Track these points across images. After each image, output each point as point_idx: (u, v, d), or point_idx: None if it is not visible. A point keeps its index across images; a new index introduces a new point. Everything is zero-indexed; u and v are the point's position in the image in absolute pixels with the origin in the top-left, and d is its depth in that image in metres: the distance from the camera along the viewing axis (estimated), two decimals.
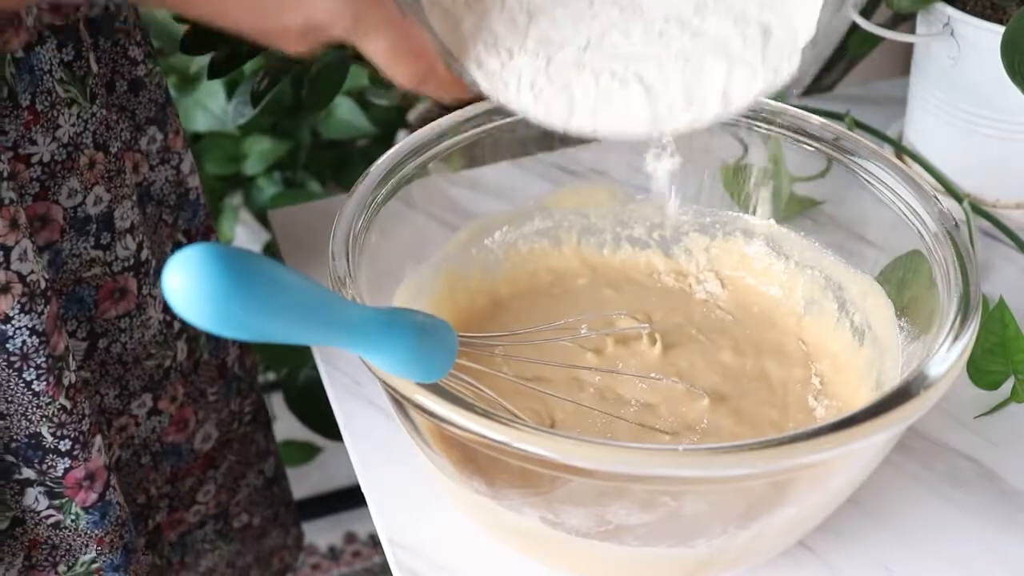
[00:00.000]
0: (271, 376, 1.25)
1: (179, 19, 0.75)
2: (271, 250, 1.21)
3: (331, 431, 1.10)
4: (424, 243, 0.62)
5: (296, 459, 1.36)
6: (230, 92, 1.25)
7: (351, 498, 1.46)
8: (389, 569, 0.57)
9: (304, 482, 1.42)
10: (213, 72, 0.76)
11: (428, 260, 0.61)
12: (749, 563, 0.54)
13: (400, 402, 0.47)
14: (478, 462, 0.50)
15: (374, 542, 1.47)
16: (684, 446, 0.43)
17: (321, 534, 1.47)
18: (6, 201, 0.53)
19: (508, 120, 0.60)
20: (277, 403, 1.15)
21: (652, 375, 0.59)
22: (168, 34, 1.13)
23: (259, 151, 1.29)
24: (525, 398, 0.56)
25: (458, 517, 0.57)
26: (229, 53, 0.76)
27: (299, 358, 1.17)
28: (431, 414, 0.45)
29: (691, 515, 0.48)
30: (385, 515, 0.58)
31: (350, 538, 1.49)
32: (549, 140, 0.64)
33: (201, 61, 1.15)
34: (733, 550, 0.50)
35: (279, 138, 1.30)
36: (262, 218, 1.31)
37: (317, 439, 1.28)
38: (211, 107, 1.26)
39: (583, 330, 0.61)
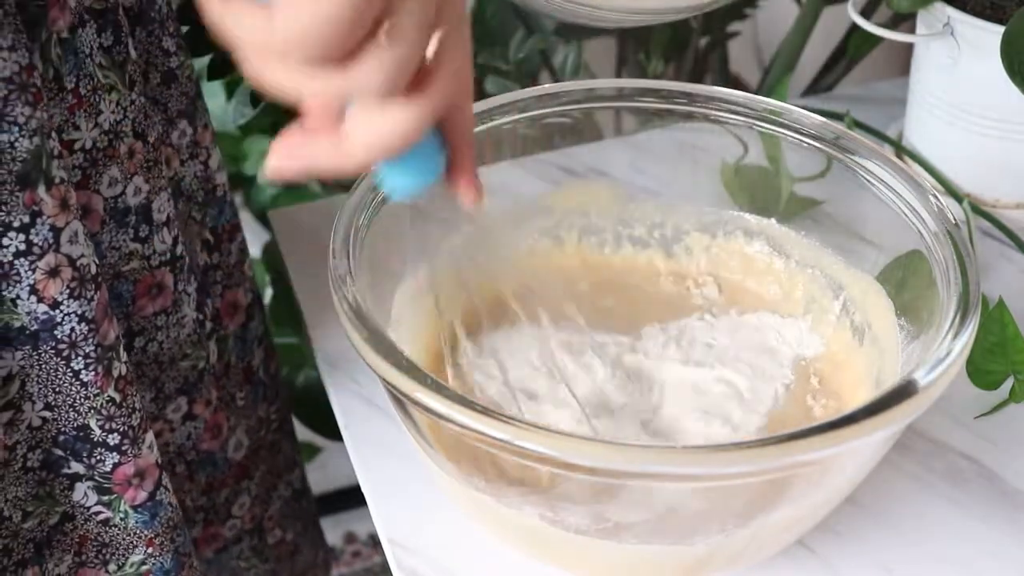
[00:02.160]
0: None
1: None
2: (271, 250, 1.21)
3: (331, 431, 1.10)
4: (425, 242, 0.61)
5: None
6: (230, 92, 1.25)
7: (351, 498, 1.46)
8: (389, 569, 0.57)
9: None
10: (213, 72, 0.77)
11: (429, 259, 0.61)
12: (748, 561, 0.54)
13: (400, 399, 0.47)
14: (478, 460, 0.50)
15: (374, 542, 1.47)
16: (682, 444, 0.43)
17: None
18: (56, 180, 0.51)
19: (508, 120, 0.60)
20: None
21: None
22: None
23: (259, 151, 1.29)
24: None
25: (458, 517, 0.57)
26: (228, 54, 0.76)
27: (299, 358, 1.17)
28: (431, 411, 0.45)
29: (690, 513, 0.48)
30: (385, 515, 0.58)
31: (350, 538, 1.49)
32: (549, 139, 0.64)
33: (201, 61, 1.15)
34: (732, 548, 0.50)
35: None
36: (262, 218, 1.31)
37: (317, 439, 1.28)
38: (211, 107, 1.26)
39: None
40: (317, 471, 1.43)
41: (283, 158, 0.40)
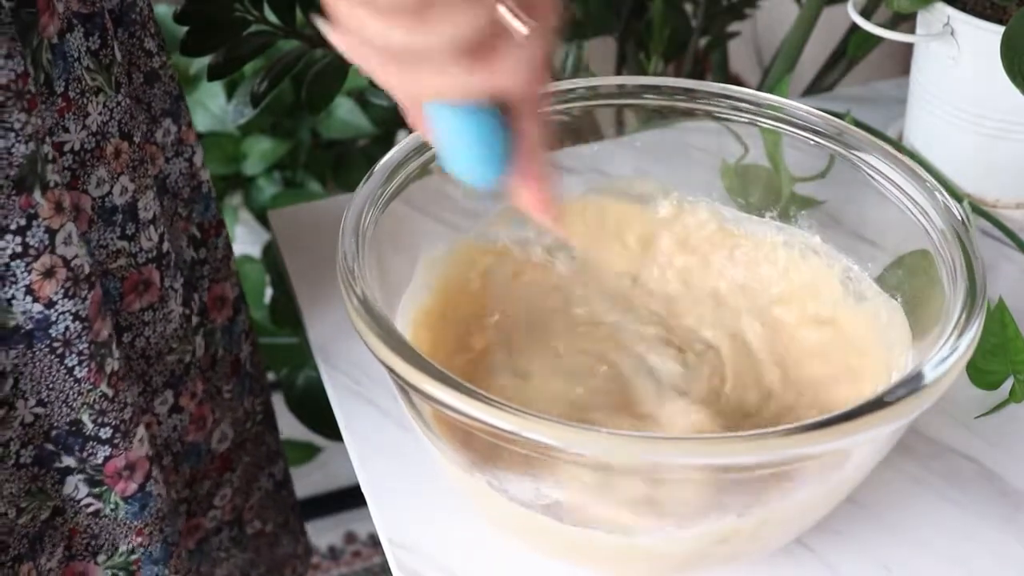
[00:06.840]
0: (271, 376, 1.25)
1: (179, 20, 0.75)
2: (271, 250, 1.21)
3: (331, 431, 1.10)
4: (426, 242, 0.61)
5: (296, 459, 1.36)
6: (230, 92, 1.26)
7: (351, 498, 1.46)
8: (389, 569, 0.57)
9: (304, 482, 1.43)
10: (213, 73, 0.77)
11: (429, 259, 0.61)
12: (746, 557, 0.54)
13: (406, 390, 0.47)
14: (482, 449, 0.50)
15: (374, 542, 1.47)
16: (665, 434, 0.43)
17: (321, 534, 1.47)
18: (51, 184, 0.53)
19: None
20: (277, 403, 1.15)
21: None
22: (168, 35, 1.13)
23: (259, 151, 1.29)
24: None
25: (458, 517, 0.57)
26: (229, 55, 0.76)
27: (299, 358, 1.17)
28: (441, 404, 0.44)
29: (688, 507, 0.48)
30: (385, 515, 0.58)
31: (350, 538, 1.49)
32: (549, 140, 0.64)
33: (201, 62, 1.15)
34: (727, 547, 0.50)
35: (279, 138, 1.30)
36: (262, 218, 1.31)
37: (317, 439, 1.29)
38: (211, 107, 1.26)
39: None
40: (317, 471, 1.43)
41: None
